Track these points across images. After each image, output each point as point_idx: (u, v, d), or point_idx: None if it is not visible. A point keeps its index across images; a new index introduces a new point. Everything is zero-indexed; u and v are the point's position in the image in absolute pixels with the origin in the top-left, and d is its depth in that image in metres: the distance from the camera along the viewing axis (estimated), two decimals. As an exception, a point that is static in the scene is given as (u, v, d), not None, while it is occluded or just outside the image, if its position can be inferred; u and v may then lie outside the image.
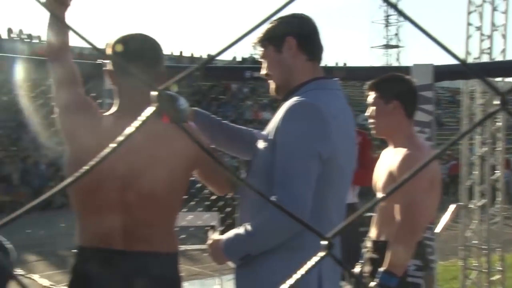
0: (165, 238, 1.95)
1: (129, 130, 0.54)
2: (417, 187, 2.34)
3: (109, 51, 1.92)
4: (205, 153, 1.96)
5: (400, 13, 0.53)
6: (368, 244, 2.68)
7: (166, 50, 2.09)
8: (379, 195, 2.62)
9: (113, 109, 1.96)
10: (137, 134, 0.55)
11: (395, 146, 2.59)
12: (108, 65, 2.02)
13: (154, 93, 0.52)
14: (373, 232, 2.65)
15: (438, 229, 4.15)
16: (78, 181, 0.53)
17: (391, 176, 2.50)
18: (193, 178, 2.08)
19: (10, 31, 24.87)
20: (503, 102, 0.48)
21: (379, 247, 2.54)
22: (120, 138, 0.52)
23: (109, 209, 1.85)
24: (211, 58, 0.55)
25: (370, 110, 2.63)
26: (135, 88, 1.84)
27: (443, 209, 4.49)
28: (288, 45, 1.92)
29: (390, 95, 2.56)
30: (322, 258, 0.49)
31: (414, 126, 2.77)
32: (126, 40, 1.92)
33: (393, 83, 2.65)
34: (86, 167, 0.50)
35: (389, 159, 2.58)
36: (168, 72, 1.97)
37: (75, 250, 1.97)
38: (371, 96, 2.63)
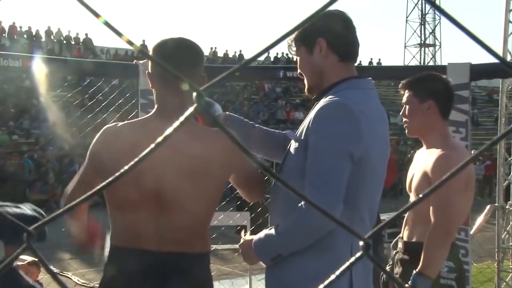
0: (198, 239, 1.96)
1: (168, 131, 0.54)
2: (452, 188, 2.32)
3: (149, 54, 1.94)
4: (241, 156, 1.99)
5: (439, 9, 0.52)
6: (399, 245, 2.66)
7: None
8: (413, 195, 2.61)
9: (153, 111, 1.97)
10: (175, 137, 0.56)
11: (429, 147, 2.56)
12: (148, 67, 2.03)
13: (194, 94, 0.52)
14: (404, 233, 2.62)
15: (472, 230, 4.08)
16: (116, 181, 0.54)
17: (425, 177, 2.47)
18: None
19: (49, 32, 25.43)
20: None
21: (411, 248, 2.52)
22: (159, 139, 0.53)
23: (144, 210, 1.87)
24: (250, 60, 0.55)
25: (405, 109, 2.61)
26: (174, 91, 1.84)
27: (477, 210, 4.40)
28: (319, 47, 1.92)
29: (424, 94, 2.54)
30: (359, 258, 0.49)
31: (449, 125, 2.74)
32: (166, 43, 1.92)
33: (428, 82, 2.62)
34: (126, 167, 0.51)
35: (423, 160, 2.55)
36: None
37: (109, 250, 2.00)
38: (405, 95, 2.61)
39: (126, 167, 0.51)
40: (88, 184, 1.93)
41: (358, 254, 0.51)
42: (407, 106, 2.59)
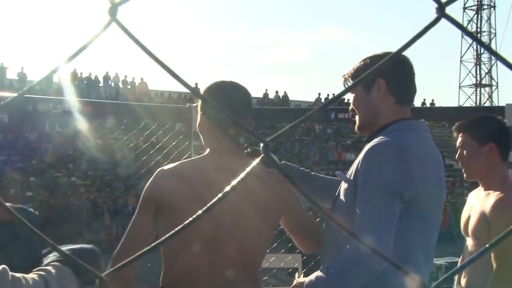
0: (250, 281, 1.95)
1: (240, 177, 0.56)
2: None
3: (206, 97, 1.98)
4: (295, 200, 1.99)
5: (492, 52, 0.52)
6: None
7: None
8: (469, 238, 2.54)
9: (207, 152, 2.00)
10: (229, 181, 0.57)
11: (488, 189, 2.49)
12: (198, 109, 2.06)
13: (261, 144, 0.54)
14: (462, 279, 2.54)
15: None
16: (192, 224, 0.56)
17: (484, 219, 2.40)
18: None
19: (107, 77, 26.39)
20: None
21: None
22: (233, 183, 0.55)
23: (199, 251, 1.88)
24: (314, 110, 0.57)
25: (462, 153, 2.55)
26: (229, 133, 1.89)
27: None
28: (377, 87, 1.91)
29: (485, 137, 2.48)
30: None
31: (508, 167, 2.66)
32: (221, 88, 1.97)
33: (486, 124, 2.57)
34: (200, 211, 0.53)
35: (481, 202, 2.48)
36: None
37: None
38: (461, 138, 2.56)
39: (200, 211, 0.53)
40: (144, 228, 1.92)
41: None
42: (465, 150, 2.54)
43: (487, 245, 0.65)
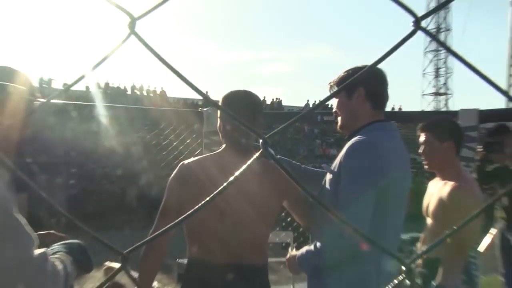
0: (260, 252, 1.96)
1: (243, 168, 0.55)
2: (466, 215, 2.24)
3: (219, 103, 1.96)
4: (294, 185, 1.97)
5: (449, 50, 0.50)
6: (419, 260, 2.58)
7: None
8: (429, 219, 2.56)
9: (222, 147, 1.99)
10: (239, 169, 0.55)
11: (445, 179, 2.50)
12: (218, 114, 2.07)
13: (260, 140, 0.53)
14: (422, 247, 2.59)
15: (481, 248, 3.94)
16: (202, 208, 0.54)
17: (441, 204, 2.42)
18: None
19: (133, 87, 26.37)
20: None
21: (429, 263, 2.43)
22: (237, 174, 0.54)
23: (216, 230, 1.88)
24: (304, 113, 0.56)
25: (425, 148, 2.53)
26: (242, 133, 1.90)
27: (486, 231, 4.27)
28: (357, 94, 1.90)
29: (444, 136, 2.48)
30: (402, 280, 0.47)
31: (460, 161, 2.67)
32: (237, 96, 1.95)
33: (446, 125, 2.56)
34: (209, 197, 0.52)
35: (439, 190, 2.49)
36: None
37: (185, 262, 2.00)
38: (424, 136, 2.54)
39: (210, 197, 0.52)
40: (170, 213, 1.89)
41: (400, 277, 0.49)
42: (427, 146, 2.52)
43: (454, 227, 0.63)
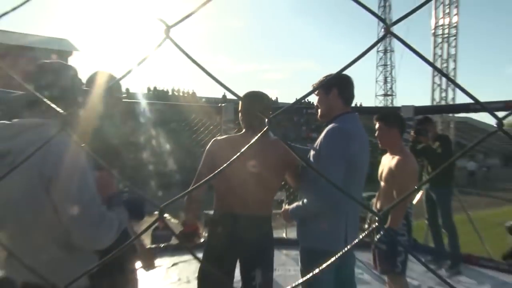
0: (267, 207, 1.96)
1: (251, 141, 0.52)
2: (407, 180, 2.38)
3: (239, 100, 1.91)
4: (295, 157, 1.94)
5: (404, 43, 0.45)
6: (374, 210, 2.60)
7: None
8: (382, 182, 2.60)
9: (243, 131, 1.98)
10: (258, 145, 0.53)
11: (392, 154, 2.56)
12: (239, 107, 2.06)
13: (266, 120, 0.49)
14: (377, 203, 2.60)
15: (414, 202, 4.22)
16: (221, 172, 0.51)
17: (391, 171, 2.49)
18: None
19: (174, 89, 26.15)
20: (499, 125, 0.40)
21: (382, 213, 2.46)
22: (246, 146, 0.51)
23: (237, 189, 1.87)
24: (296, 103, 0.52)
25: (379, 133, 2.58)
26: (256, 119, 1.92)
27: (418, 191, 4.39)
28: (333, 93, 1.90)
29: (391, 124, 2.53)
30: (376, 228, 0.44)
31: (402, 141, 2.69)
32: (249, 94, 1.95)
33: (393, 116, 2.61)
34: (227, 162, 0.49)
35: (389, 161, 2.55)
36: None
37: (211, 213, 1.99)
38: (379, 124, 2.58)
39: (228, 162, 0.48)
40: (204, 175, 1.86)
41: (374, 225, 0.46)
42: (380, 131, 2.56)
43: (407, 192, 0.60)
